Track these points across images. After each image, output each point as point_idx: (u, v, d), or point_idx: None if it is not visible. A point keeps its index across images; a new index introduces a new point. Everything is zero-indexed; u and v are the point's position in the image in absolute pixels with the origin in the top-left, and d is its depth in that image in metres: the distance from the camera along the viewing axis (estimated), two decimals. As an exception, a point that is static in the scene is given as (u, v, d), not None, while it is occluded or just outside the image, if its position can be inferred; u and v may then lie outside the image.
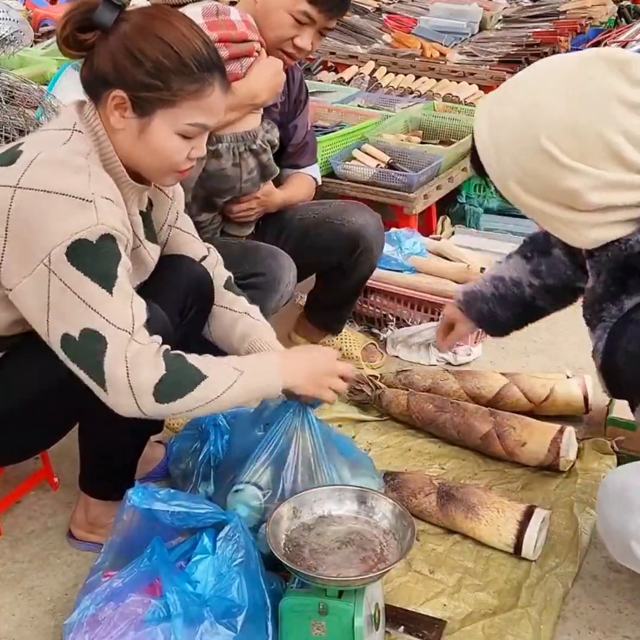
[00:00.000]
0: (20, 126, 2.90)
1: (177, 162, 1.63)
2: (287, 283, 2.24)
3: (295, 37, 2.25)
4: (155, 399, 1.53)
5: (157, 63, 1.54)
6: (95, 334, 1.50)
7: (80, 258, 1.48)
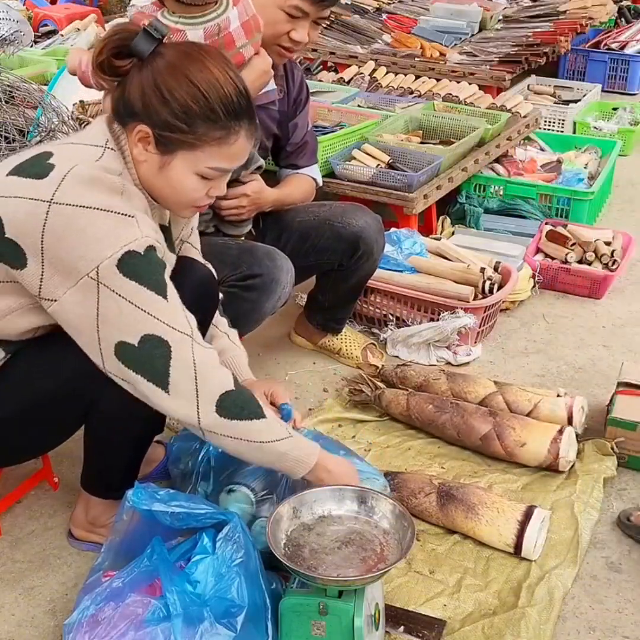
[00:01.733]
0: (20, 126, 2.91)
1: (194, 199, 1.66)
2: (285, 284, 2.23)
3: (291, 31, 2.25)
4: (216, 411, 1.56)
5: (184, 106, 1.55)
6: (157, 339, 1.53)
7: (133, 269, 1.51)
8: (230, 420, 1.57)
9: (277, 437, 1.62)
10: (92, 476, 1.91)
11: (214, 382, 1.57)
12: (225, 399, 1.56)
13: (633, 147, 4.67)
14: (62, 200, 1.50)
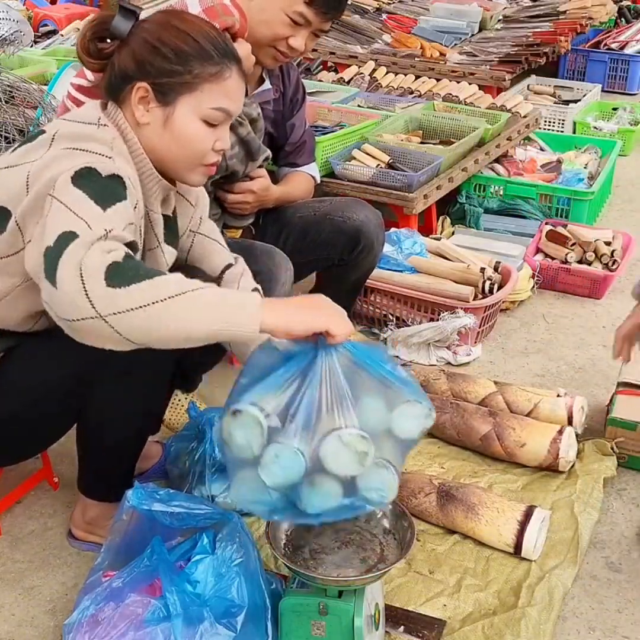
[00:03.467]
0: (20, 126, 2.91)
1: (202, 150, 1.63)
2: (284, 282, 2.23)
3: (290, 37, 2.24)
4: (106, 282, 1.29)
5: (176, 49, 1.57)
6: (70, 234, 1.36)
7: (84, 182, 1.43)
8: (127, 286, 1.30)
9: (193, 286, 1.34)
10: (87, 479, 1.90)
11: (97, 258, 1.32)
12: (112, 269, 1.31)
13: (633, 147, 4.67)
14: (50, 153, 1.51)
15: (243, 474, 1.46)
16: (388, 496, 1.48)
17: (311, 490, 1.44)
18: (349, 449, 1.40)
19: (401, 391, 1.47)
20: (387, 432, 1.46)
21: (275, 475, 1.41)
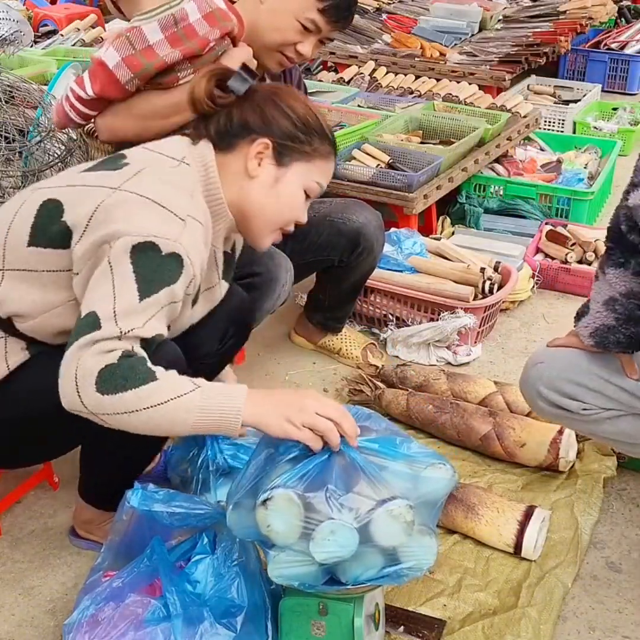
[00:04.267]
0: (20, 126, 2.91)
1: (293, 217, 1.73)
2: (284, 283, 2.24)
3: (298, 42, 2.24)
4: (95, 388, 1.40)
5: (304, 119, 1.69)
6: (95, 319, 1.44)
7: (141, 258, 1.48)
8: (114, 394, 1.39)
9: (177, 393, 1.41)
10: (87, 487, 1.90)
11: (90, 361, 1.41)
12: (104, 373, 1.40)
13: (633, 147, 4.66)
14: (127, 188, 1.54)
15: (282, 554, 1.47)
16: (428, 562, 1.50)
17: (354, 563, 1.47)
18: (398, 520, 1.44)
19: (424, 458, 1.51)
20: (417, 497, 1.48)
21: (328, 552, 1.44)
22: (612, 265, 1.72)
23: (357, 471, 1.46)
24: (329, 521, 1.42)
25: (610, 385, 1.80)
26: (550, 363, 1.87)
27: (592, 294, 1.79)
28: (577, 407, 1.82)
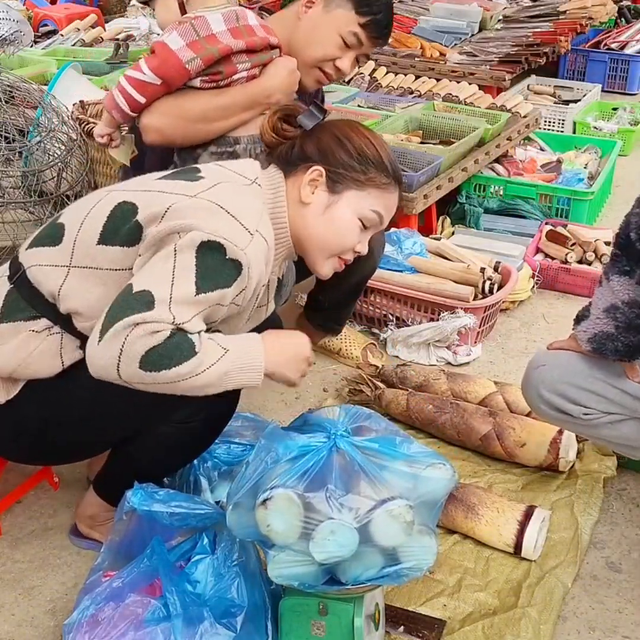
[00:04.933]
0: (20, 126, 2.91)
1: (348, 244, 1.72)
2: (285, 283, 2.23)
3: (337, 58, 2.24)
4: (140, 366, 1.46)
5: (360, 150, 1.70)
6: (150, 299, 1.47)
7: (206, 255, 1.51)
8: (158, 372, 1.47)
9: (210, 363, 1.51)
10: (107, 483, 1.90)
11: (139, 343, 1.46)
12: (149, 356, 1.46)
13: (633, 147, 4.67)
14: (203, 197, 1.57)
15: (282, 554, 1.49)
16: (427, 562, 1.51)
17: (354, 563, 1.48)
18: (398, 520, 1.44)
19: (423, 458, 1.52)
20: (417, 497, 1.49)
21: (328, 552, 1.45)
22: (617, 272, 1.72)
23: (357, 471, 1.47)
24: (329, 521, 1.43)
25: (613, 388, 1.79)
26: (552, 366, 1.86)
27: (594, 299, 1.78)
28: (579, 411, 1.82)
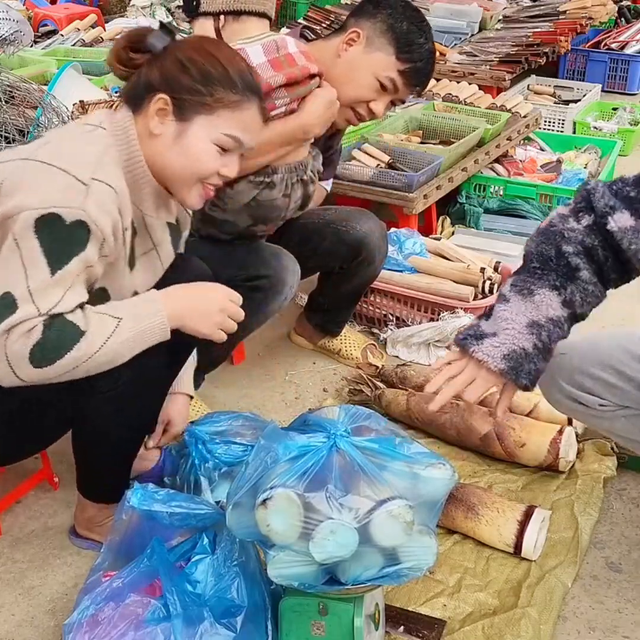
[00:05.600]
0: (20, 126, 2.91)
1: (207, 169, 1.66)
2: (291, 285, 2.23)
3: (372, 101, 2.23)
4: (33, 365, 1.47)
5: (203, 71, 1.63)
6: (11, 301, 1.47)
7: (45, 231, 1.48)
8: (53, 364, 1.47)
9: (107, 335, 1.51)
10: (84, 481, 1.90)
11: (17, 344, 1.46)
12: (35, 351, 1.46)
13: (633, 147, 4.67)
14: (33, 157, 1.55)
15: (281, 554, 1.48)
16: (427, 562, 1.51)
17: (354, 563, 1.48)
18: (397, 520, 1.44)
19: (423, 458, 1.51)
20: (416, 497, 1.48)
21: (328, 552, 1.44)
22: (546, 287, 1.57)
23: (357, 471, 1.46)
24: (329, 521, 1.42)
25: (630, 381, 1.76)
26: (571, 355, 1.81)
27: (506, 314, 1.58)
28: (594, 402, 1.79)
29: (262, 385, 2.62)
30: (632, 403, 1.78)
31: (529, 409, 2.33)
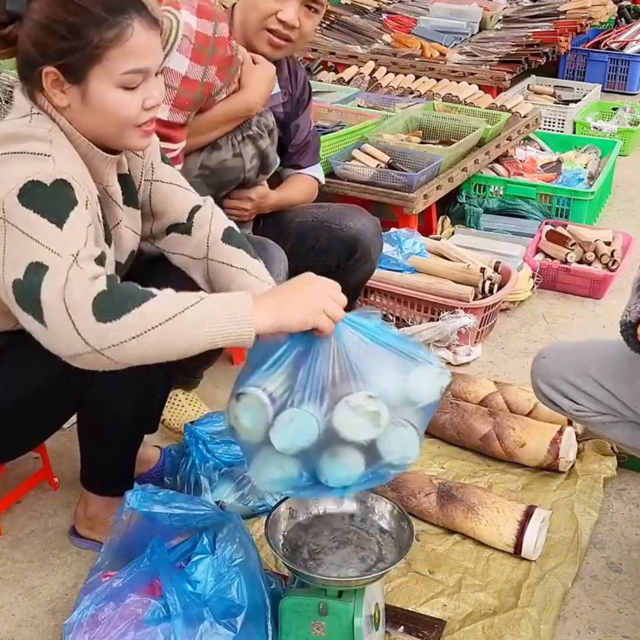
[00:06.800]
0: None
1: (129, 115, 1.55)
2: (278, 273, 2.22)
3: (278, 11, 2.21)
4: (95, 318, 1.32)
5: (67, 24, 1.48)
6: (38, 265, 1.37)
7: (32, 198, 1.42)
8: (118, 319, 1.31)
9: (184, 305, 1.34)
10: (88, 473, 1.91)
11: (78, 290, 1.33)
12: (99, 300, 1.32)
13: (633, 147, 4.67)
14: None
15: (259, 456, 1.47)
16: (410, 456, 1.47)
17: (333, 463, 1.45)
18: (359, 411, 1.40)
19: (409, 356, 1.46)
20: (405, 399, 1.46)
21: (286, 440, 1.42)
22: None
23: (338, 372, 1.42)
24: (289, 409, 1.41)
25: (603, 390, 1.80)
26: (551, 359, 1.88)
27: None
28: (569, 406, 1.84)
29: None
30: (608, 411, 1.81)
31: (529, 409, 2.33)
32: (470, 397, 2.42)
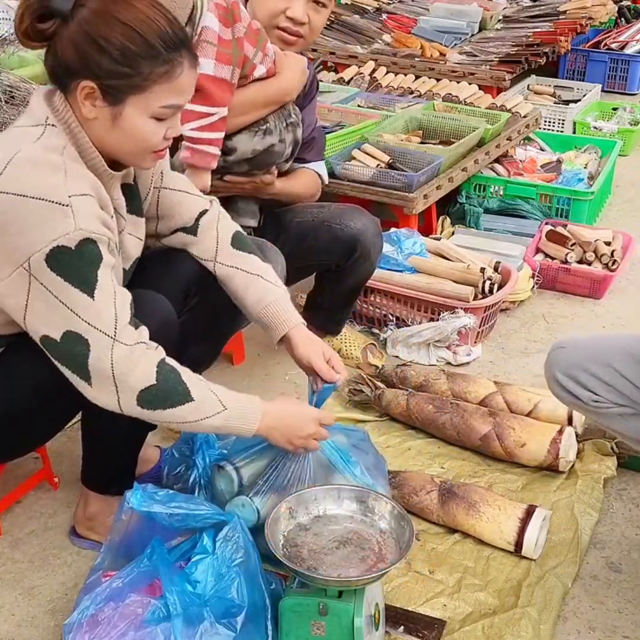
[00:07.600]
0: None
1: (153, 144, 1.61)
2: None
3: (286, 9, 2.25)
4: (137, 403, 1.57)
5: (123, 49, 1.50)
6: (77, 336, 1.53)
7: (60, 264, 1.50)
8: (154, 410, 1.58)
9: (209, 414, 1.62)
10: (90, 471, 1.91)
11: (131, 379, 1.55)
12: (145, 394, 1.56)
13: (633, 147, 4.67)
14: (2, 188, 1.50)
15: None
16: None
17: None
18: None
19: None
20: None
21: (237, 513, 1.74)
22: None
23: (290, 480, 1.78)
24: (244, 495, 1.77)
25: (624, 380, 1.77)
26: (571, 349, 1.86)
27: None
28: (588, 397, 1.81)
29: (262, 386, 2.62)
30: (627, 402, 1.79)
31: (529, 409, 2.33)
32: (470, 397, 2.42)
